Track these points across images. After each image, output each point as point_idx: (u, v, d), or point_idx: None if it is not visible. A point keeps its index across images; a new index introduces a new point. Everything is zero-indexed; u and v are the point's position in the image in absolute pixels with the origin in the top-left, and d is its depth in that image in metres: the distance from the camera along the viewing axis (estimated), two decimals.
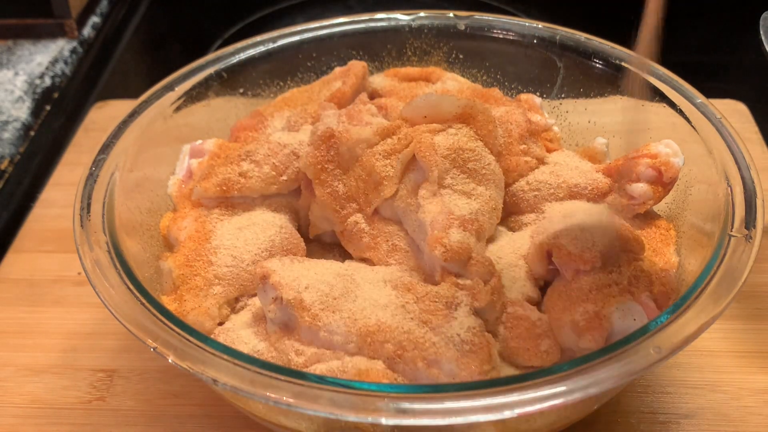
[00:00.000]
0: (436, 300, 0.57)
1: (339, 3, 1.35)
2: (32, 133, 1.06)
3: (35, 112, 1.08)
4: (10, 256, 0.85)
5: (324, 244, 0.71)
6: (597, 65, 0.80)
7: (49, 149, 1.04)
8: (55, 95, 1.13)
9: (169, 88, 0.78)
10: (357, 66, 0.81)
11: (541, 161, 0.72)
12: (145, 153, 0.72)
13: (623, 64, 0.78)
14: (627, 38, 0.83)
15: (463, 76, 0.86)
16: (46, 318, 0.78)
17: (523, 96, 0.79)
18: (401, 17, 0.87)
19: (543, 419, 0.58)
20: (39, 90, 1.11)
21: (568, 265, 0.60)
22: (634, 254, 0.62)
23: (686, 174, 0.69)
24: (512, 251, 0.65)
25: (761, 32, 0.75)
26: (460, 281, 0.59)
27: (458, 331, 0.55)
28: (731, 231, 0.59)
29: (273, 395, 0.49)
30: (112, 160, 0.69)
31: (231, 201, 0.70)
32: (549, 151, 0.74)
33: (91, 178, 0.67)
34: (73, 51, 1.19)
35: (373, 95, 0.82)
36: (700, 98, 0.72)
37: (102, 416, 0.68)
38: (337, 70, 0.82)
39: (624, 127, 0.78)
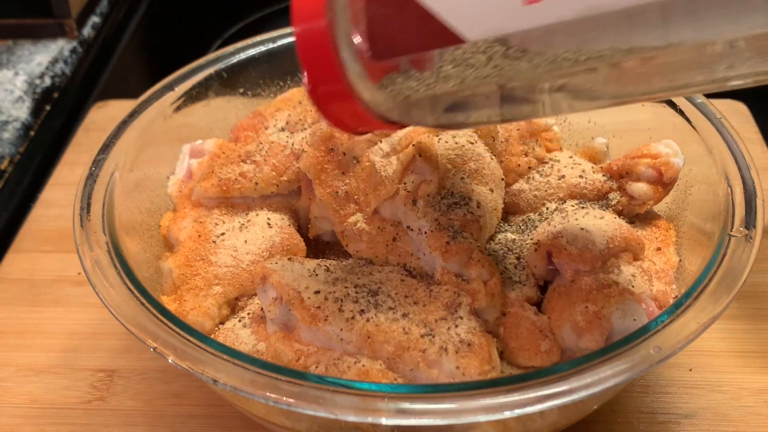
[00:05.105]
0: (436, 300, 0.57)
1: None
2: (32, 133, 1.06)
3: (35, 112, 1.08)
4: (10, 256, 0.85)
5: (324, 244, 0.71)
6: None
7: (49, 149, 1.04)
8: (55, 95, 1.13)
9: (169, 88, 0.77)
10: None
11: (541, 161, 0.72)
12: (145, 153, 0.72)
13: None
14: None
15: None
16: (46, 318, 0.78)
17: None
18: None
19: (543, 419, 0.58)
20: (39, 90, 1.11)
21: (568, 265, 0.60)
22: (634, 254, 0.63)
23: (686, 174, 0.69)
24: (512, 251, 0.65)
25: None
26: (460, 281, 0.58)
27: (458, 332, 0.55)
28: (731, 231, 0.59)
29: (273, 395, 0.49)
30: (112, 160, 0.69)
31: (231, 201, 0.70)
32: (549, 151, 0.74)
33: (91, 178, 0.67)
34: (73, 51, 1.19)
35: None
36: (700, 98, 0.71)
37: (102, 416, 0.68)
38: None
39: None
